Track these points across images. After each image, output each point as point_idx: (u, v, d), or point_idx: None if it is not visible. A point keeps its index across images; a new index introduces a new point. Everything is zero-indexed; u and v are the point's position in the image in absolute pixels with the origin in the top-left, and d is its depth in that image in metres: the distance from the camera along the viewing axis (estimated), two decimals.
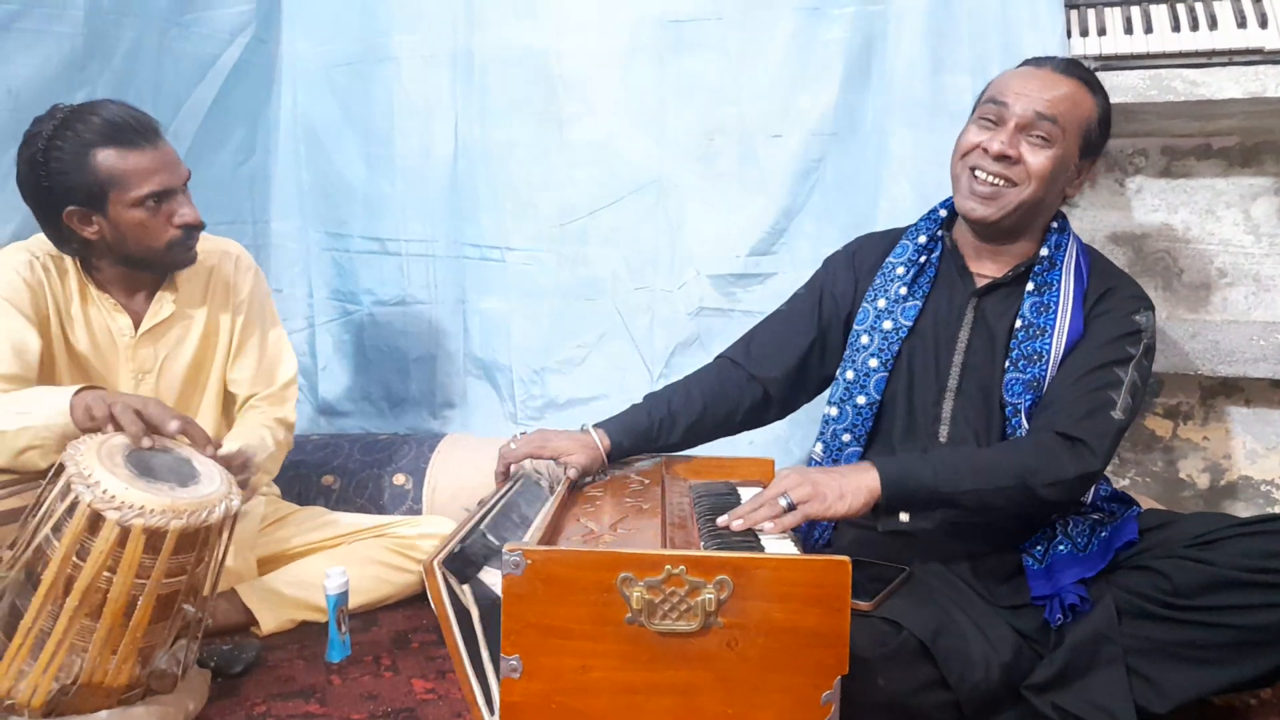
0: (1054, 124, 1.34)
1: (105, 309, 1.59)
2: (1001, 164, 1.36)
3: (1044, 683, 1.25)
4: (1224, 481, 2.13)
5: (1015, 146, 1.35)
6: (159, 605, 1.22)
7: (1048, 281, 1.39)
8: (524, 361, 2.27)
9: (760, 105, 2.04)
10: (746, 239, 2.08)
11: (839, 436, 1.49)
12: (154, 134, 1.51)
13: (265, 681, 1.44)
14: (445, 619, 1.00)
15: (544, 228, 2.21)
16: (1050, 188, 1.38)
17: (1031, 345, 1.37)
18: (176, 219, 1.52)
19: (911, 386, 1.46)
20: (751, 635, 0.97)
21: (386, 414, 2.41)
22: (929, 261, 1.49)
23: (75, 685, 1.19)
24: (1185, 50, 1.81)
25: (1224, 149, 2.05)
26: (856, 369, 1.48)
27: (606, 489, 1.38)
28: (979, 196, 1.38)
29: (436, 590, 1.01)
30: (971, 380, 1.42)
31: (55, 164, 1.44)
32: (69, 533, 1.16)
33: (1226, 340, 1.90)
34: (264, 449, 1.63)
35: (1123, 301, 1.39)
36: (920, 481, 1.26)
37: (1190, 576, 1.23)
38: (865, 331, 1.49)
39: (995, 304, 1.43)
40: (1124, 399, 1.30)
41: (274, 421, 1.71)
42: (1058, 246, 1.42)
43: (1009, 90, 1.37)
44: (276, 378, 1.76)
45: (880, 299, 1.49)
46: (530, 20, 2.15)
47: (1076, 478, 1.27)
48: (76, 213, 1.48)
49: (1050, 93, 1.35)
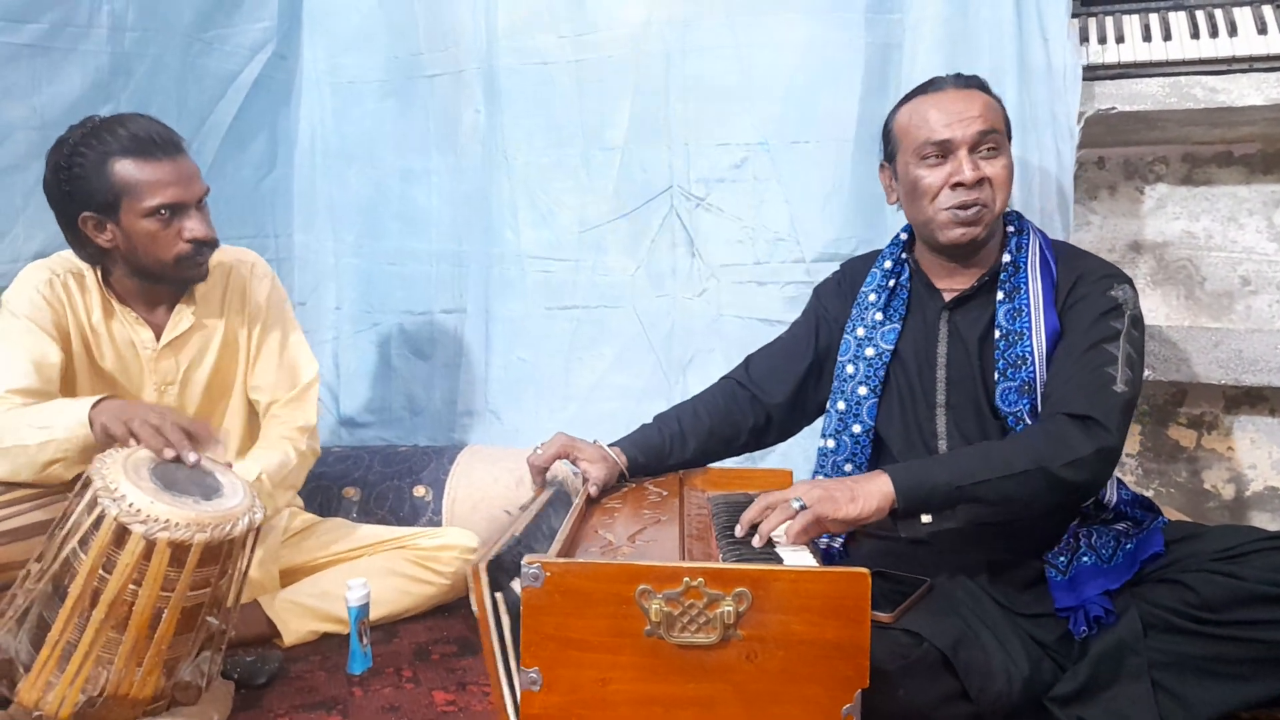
0: (994, 132, 1.40)
1: (127, 322, 1.61)
2: (978, 189, 1.39)
3: (1067, 695, 1.23)
4: (1249, 492, 2.10)
5: (978, 167, 1.38)
6: (184, 617, 1.23)
7: (1016, 285, 1.41)
8: (545, 371, 2.28)
9: (777, 112, 2.04)
10: (765, 246, 2.09)
11: (840, 468, 1.50)
12: (174, 148, 1.53)
13: (287, 693, 1.45)
14: (485, 622, 1.00)
15: (564, 237, 2.23)
16: (1010, 190, 1.43)
17: (1014, 351, 1.38)
18: (186, 233, 1.54)
19: (903, 408, 1.48)
20: (771, 648, 0.97)
21: (407, 424, 2.43)
22: (899, 284, 1.52)
23: (101, 696, 1.20)
24: (1205, 57, 1.80)
25: (1246, 156, 2.03)
26: (847, 399, 1.50)
27: (625, 501, 1.38)
28: (966, 224, 1.40)
29: (481, 593, 1.00)
30: (958, 393, 1.44)
31: (76, 169, 1.48)
32: (95, 546, 1.17)
33: (1250, 349, 1.88)
34: (287, 464, 1.65)
35: (1095, 283, 1.39)
36: (935, 480, 1.25)
37: (1218, 590, 1.21)
38: (850, 361, 1.51)
39: (966, 315, 1.45)
40: (1123, 372, 1.29)
41: (295, 431, 1.72)
42: (1019, 249, 1.43)
43: (935, 125, 1.40)
44: (298, 380, 1.77)
45: (859, 328, 1.52)
46: (550, 32, 2.17)
47: (1094, 453, 1.24)
48: (91, 219, 1.50)
49: (975, 109, 1.40)
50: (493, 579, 1.04)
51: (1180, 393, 2.12)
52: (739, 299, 2.12)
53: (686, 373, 2.16)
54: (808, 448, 1.96)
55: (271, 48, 2.26)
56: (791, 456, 2.02)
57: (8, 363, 1.47)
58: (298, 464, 1.69)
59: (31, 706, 1.20)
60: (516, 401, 2.33)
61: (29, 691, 1.20)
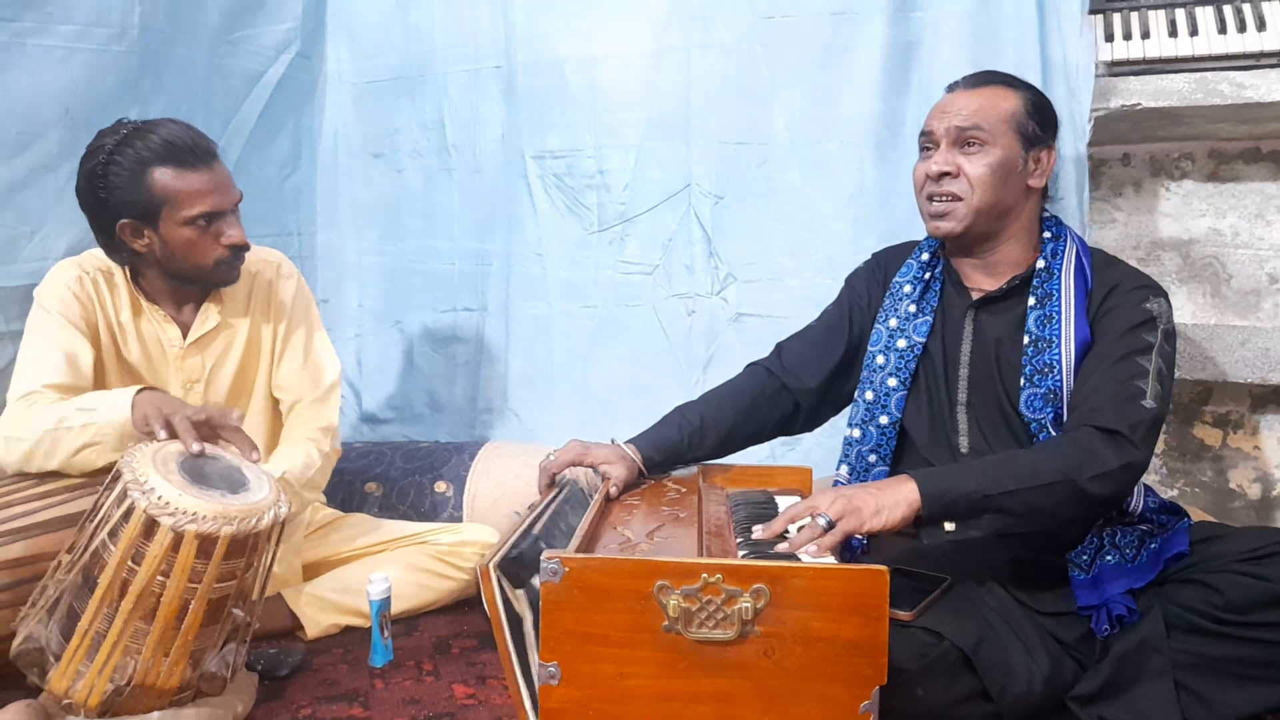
0: (978, 129, 1.40)
1: (156, 320, 1.63)
2: (944, 181, 1.41)
3: (1089, 694, 1.23)
4: (1276, 492, 2.08)
5: (952, 162, 1.41)
6: (210, 609, 1.25)
7: (1048, 292, 1.40)
8: (564, 368, 2.29)
9: (797, 111, 2.04)
10: (784, 244, 2.08)
11: (865, 458, 1.50)
12: (210, 155, 1.55)
13: (310, 685, 1.47)
14: (498, 621, 1.01)
15: (583, 235, 2.24)
16: (999, 191, 1.40)
17: (1041, 359, 1.37)
18: (225, 239, 1.56)
19: (930, 402, 1.47)
20: (789, 644, 0.97)
21: (428, 421, 2.45)
22: (934, 277, 1.51)
23: (129, 686, 1.22)
24: (1232, 52, 1.78)
25: (1273, 152, 2.00)
26: (875, 389, 1.50)
27: (643, 497, 1.38)
28: (936, 216, 1.43)
29: (490, 593, 1.01)
30: (979, 393, 1.44)
31: (114, 178, 1.49)
32: (124, 538, 1.20)
33: (1277, 348, 1.85)
34: (310, 466, 1.67)
35: (1129, 294, 1.37)
36: (961, 489, 1.23)
37: (1243, 592, 1.20)
38: (880, 352, 1.51)
39: (992, 317, 1.45)
40: (1153, 387, 1.28)
41: (318, 432, 1.74)
42: (1054, 255, 1.42)
43: (931, 119, 1.45)
44: (322, 380, 1.79)
45: (891, 318, 1.51)
46: (567, 30, 2.18)
47: (1120, 468, 1.23)
48: (129, 225, 1.52)
49: (965, 107, 1.42)
50: (513, 575, 1.05)
51: (1206, 391, 2.10)
52: (758, 298, 2.12)
53: (706, 371, 2.16)
54: (825, 443, 1.97)
55: (295, 48, 2.28)
56: (812, 455, 2.02)
57: (43, 358, 1.50)
58: (321, 464, 1.71)
59: (61, 695, 1.23)
60: (536, 399, 2.34)
61: (59, 680, 1.23)
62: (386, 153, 2.40)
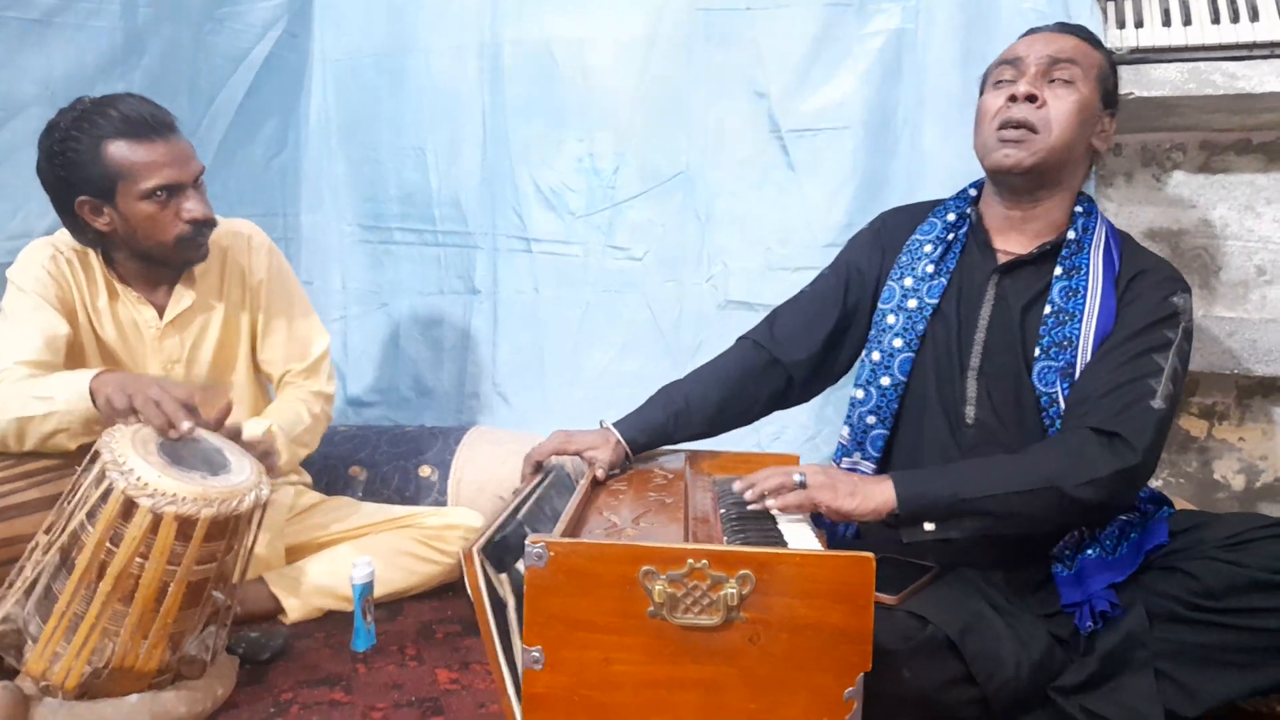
0: (1072, 64, 1.34)
1: (130, 302, 1.61)
2: (1029, 106, 1.33)
3: (1073, 686, 1.23)
4: (1260, 483, 2.09)
5: (1040, 89, 1.34)
6: (189, 592, 1.24)
7: (1076, 265, 1.35)
8: (552, 353, 2.28)
9: (790, 97, 2.02)
10: (775, 232, 2.07)
11: (864, 419, 1.47)
12: (167, 128, 1.51)
13: (292, 669, 1.46)
14: (481, 606, 1.00)
15: (572, 220, 2.22)
16: (1077, 134, 1.34)
17: (1061, 331, 1.32)
18: (184, 214, 1.52)
19: (938, 367, 1.43)
20: (774, 630, 0.97)
21: (414, 405, 2.44)
22: (956, 238, 1.46)
23: (107, 668, 1.21)
24: (1225, 43, 1.77)
25: (1265, 144, 2.00)
26: (882, 349, 1.46)
27: (630, 483, 1.38)
28: (1009, 143, 1.34)
29: (474, 577, 1.00)
30: (994, 360, 1.39)
31: (70, 154, 1.46)
32: (103, 519, 1.18)
33: (1265, 339, 1.86)
34: (299, 423, 1.67)
35: (1156, 284, 1.32)
36: (939, 491, 1.22)
37: (1220, 578, 1.20)
38: (891, 311, 1.46)
39: (1016, 283, 1.40)
40: (1165, 386, 1.23)
41: (310, 395, 1.74)
42: (1085, 229, 1.38)
43: (1018, 47, 1.39)
44: (310, 352, 1.78)
45: (907, 277, 1.46)
46: (556, 10, 2.16)
47: (1112, 474, 1.19)
48: (88, 203, 1.49)
49: (1059, 42, 1.36)
50: (496, 560, 1.05)
51: (1192, 382, 2.10)
52: (748, 285, 2.11)
53: (695, 358, 2.14)
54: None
55: (282, 26, 2.25)
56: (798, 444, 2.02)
57: (18, 335, 1.48)
58: (311, 424, 1.70)
59: (38, 676, 1.22)
60: (524, 385, 2.32)
61: (36, 662, 1.21)
62: (372, 134, 2.37)
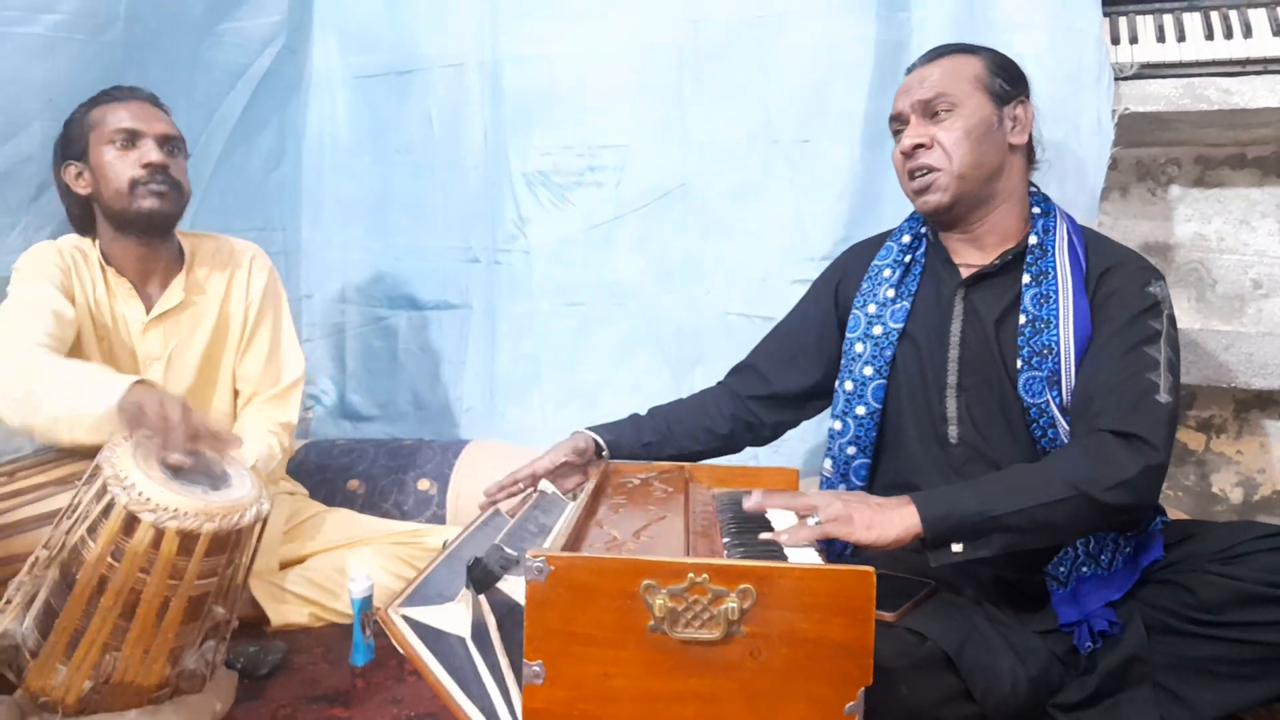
0: (943, 96, 1.37)
1: (121, 294, 1.64)
2: (919, 154, 1.38)
3: (1073, 703, 1.23)
4: (1258, 496, 2.09)
5: (924, 133, 1.38)
6: (191, 606, 1.24)
7: (1044, 270, 1.34)
8: (551, 366, 2.28)
9: (787, 110, 2.04)
10: (773, 245, 2.08)
11: (844, 450, 1.47)
12: (143, 94, 1.65)
13: (290, 683, 1.46)
14: (417, 660, 1.03)
15: (571, 233, 2.23)
16: (978, 152, 1.37)
17: (1040, 339, 1.31)
18: (141, 159, 1.59)
19: (912, 391, 1.43)
20: (775, 645, 0.96)
21: (412, 419, 2.43)
22: (914, 259, 1.47)
23: (107, 684, 1.21)
24: (1219, 58, 1.79)
25: (1259, 158, 2.02)
26: (854, 378, 1.46)
27: (630, 497, 1.38)
28: (920, 192, 1.40)
29: (399, 636, 1.04)
30: (971, 376, 1.38)
31: (65, 131, 1.63)
32: (104, 534, 1.18)
33: (1261, 352, 1.87)
34: (273, 458, 1.69)
35: (1130, 276, 1.31)
36: (965, 509, 1.16)
37: (1216, 592, 1.20)
38: (859, 339, 1.47)
39: (985, 295, 1.39)
40: (1165, 378, 1.23)
41: (278, 426, 1.75)
42: (1046, 231, 1.37)
43: (897, 101, 1.44)
44: (281, 378, 1.80)
45: (870, 304, 1.48)
46: (554, 25, 2.17)
47: (1140, 474, 1.17)
48: (72, 166, 1.62)
49: (926, 79, 1.40)
50: (475, 582, 1.05)
51: (1189, 395, 2.11)
52: (747, 297, 2.11)
53: (695, 370, 2.15)
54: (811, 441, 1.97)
55: (281, 41, 2.26)
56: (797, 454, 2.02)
57: (32, 315, 1.49)
58: (281, 459, 1.74)
59: (38, 692, 1.21)
60: (522, 398, 2.32)
61: (36, 678, 1.21)
62: (372, 148, 2.38)
